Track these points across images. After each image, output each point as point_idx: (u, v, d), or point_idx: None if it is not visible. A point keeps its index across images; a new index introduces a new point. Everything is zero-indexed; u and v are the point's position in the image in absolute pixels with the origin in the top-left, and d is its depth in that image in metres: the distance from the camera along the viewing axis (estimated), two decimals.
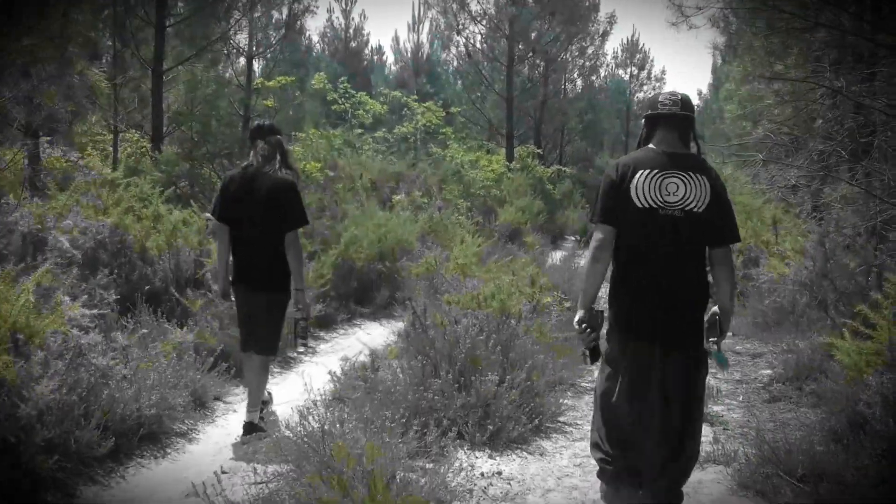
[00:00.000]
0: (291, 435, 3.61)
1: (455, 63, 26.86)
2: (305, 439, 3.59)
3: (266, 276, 4.44)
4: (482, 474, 3.84)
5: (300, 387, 5.18)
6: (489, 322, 5.00)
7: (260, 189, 4.38)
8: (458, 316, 5.10)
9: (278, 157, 4.49)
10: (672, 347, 3.15)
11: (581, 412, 5.07)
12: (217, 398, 5.16)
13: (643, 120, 3.40)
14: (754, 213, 10.08)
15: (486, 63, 24.61)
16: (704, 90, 37.29)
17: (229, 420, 4.85)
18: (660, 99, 3.32)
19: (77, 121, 11.20)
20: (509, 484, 3.75)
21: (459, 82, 26.82)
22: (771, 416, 5.02)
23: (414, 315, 5.09)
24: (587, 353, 3.25)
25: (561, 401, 4.97)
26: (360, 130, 16.88)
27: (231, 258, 4.55)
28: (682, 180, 3.14)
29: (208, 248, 6.68)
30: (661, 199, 3.13)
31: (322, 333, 7.40)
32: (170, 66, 12.28)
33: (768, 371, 6.14)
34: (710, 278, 3.33)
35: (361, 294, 8.67)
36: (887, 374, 4.03)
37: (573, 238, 19.68)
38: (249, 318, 4.53)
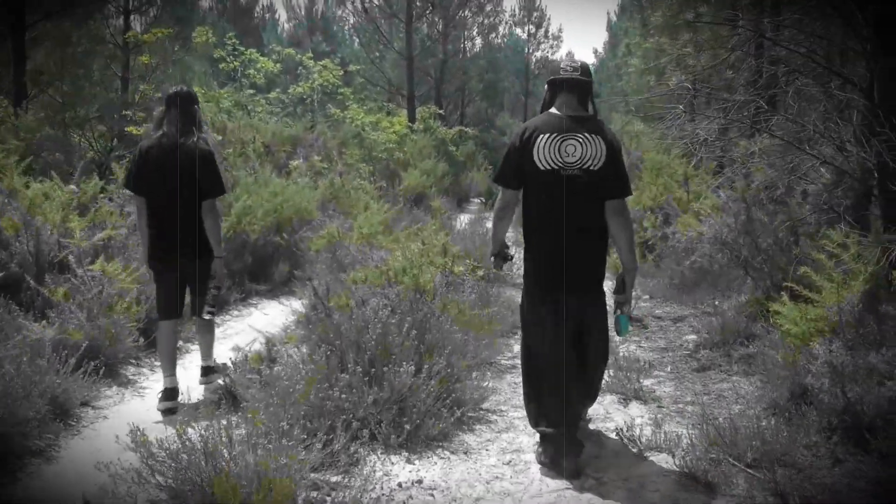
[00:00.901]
0: (165, 456, 2.97)
1: (352, 20, 25.77)
2: (184, 459, 2.96)
3: (196, 244, 4.44)
4: (400, 485, 3.27)
5: (183, 385, 4.51)
6: (401, 301, 4.43)
7: (180, 160, 4.34)
8: (366, 296, 4.51)
9: (195, 128, 4.47)
10: (577, 293, 3.44)
11: (504, 395, 4.60)
12: (84, 403, 4.39)
13: (546, 85, 3.68)
14: (664, 169, 9.81)
15: (383, 21, 23.65)
16: (600, 49, 37.47)
17: (98, 430, 4.10)
18: (562, 65, 3.63)
19: None
20: (432, 495, 3.20)
21: (357, 41, 25.76)
22: (704, 388, 4.70)
23: (315, 297, 4.47)
24: (500, 262, 3.82)
25: (482, 384, 4.46)
26: (251, 91, 15.74)
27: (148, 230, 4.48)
28: (580, 142, 3.42)
29: (72, 228, 5.79)
30: (561, 161, 3.41)
31: None
32: (32, 22, 10.95)
33: (693, 336, 5.86)
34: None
35: (257, 270, 7.90)
36: (835, 343, 3.72)
37: (478, 200, 19.30)
38: (180, 285, 4.55)
